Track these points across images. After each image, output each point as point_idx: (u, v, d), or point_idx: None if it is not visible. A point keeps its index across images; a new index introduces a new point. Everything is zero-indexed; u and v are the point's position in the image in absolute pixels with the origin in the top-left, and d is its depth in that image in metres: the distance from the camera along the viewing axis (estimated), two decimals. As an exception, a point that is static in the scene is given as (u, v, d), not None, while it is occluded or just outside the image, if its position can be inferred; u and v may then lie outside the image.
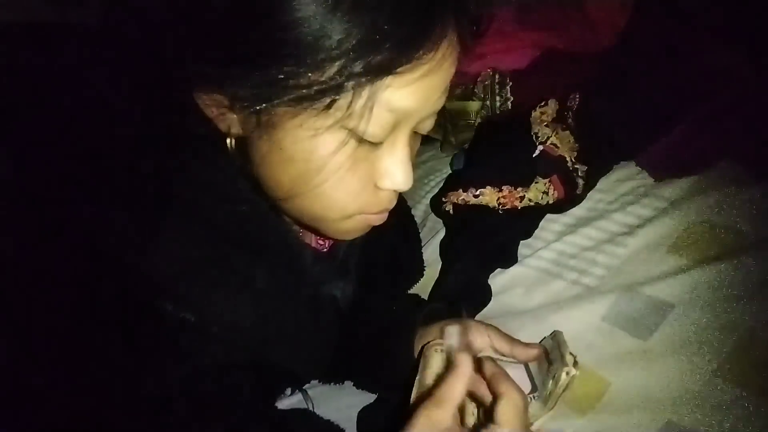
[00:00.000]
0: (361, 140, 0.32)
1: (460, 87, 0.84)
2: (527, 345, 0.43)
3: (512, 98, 0.78)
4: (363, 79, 0.29)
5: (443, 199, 0.63)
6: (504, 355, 0.43)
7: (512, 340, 0.44)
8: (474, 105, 0.80)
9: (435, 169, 0.87)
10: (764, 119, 0.50)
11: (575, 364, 0.38)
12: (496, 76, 0.80)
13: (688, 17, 0.57)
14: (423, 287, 0.62)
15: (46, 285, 0.30)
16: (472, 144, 0.72)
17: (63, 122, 0.32)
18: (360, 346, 0.53)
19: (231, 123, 0.34)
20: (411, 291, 0.62)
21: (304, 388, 0.55)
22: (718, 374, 0.37)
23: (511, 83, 0.78)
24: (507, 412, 0.31)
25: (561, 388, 0.37)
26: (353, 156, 0.33)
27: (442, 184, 0.77)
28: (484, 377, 0.35)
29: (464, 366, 0.32)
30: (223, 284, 0.33)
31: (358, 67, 0.29)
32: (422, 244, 0.68)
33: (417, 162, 0.92)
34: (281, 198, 0.35)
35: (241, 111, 0.32)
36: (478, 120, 0.79)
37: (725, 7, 0.57)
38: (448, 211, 0.64)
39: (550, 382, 0.38)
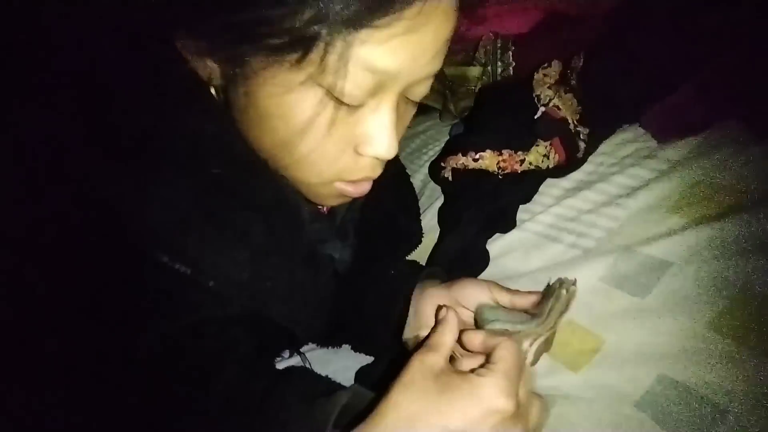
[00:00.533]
0: (340, 101, 0.31)
1: (461, 52, 0.82)
2: (527, 293, 0.43)
3: (514, 64, 0.76)
4: (335, 30, 0.27)
5: (442, 164, 0.62)
6: (505, 306, 0.43)
7: (511, 290, 0.44)
8: (474, 71, 0.78)
9: (434, 138, 0.86)
10: (765, 80, 0.49)
11: (574, 284, 0.37)
12: (498, 41, 0.78)
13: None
14: (421, 254, 0.62)
15: (42, 239, 0.29)
16: (473, 108, 0.71)
17: (47, 72, 0.31)
18: (358, 310, 0.54)
19: (212, 71, 0.33)
20: (409, 257, 0.62)
21: (302, 351, 0.55)
22: (713, 329, 0.37)
23: (513, 48, 0.76)
24: (503, 354, 0.31)
25: (562, 305, 0.36)
26: (332, 117, 0.31)
27: (440, 153, 0.77)
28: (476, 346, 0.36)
29: (450, 313, 0.33)
30: (218, 237, 0.33)
31: (330, 15, 0.27)
32: (421, 211, 0.68)
33: (416, 132, 0.92)
34: (264, 157, 0.34)
35: (218, 60, 0.31)
36: (479, 87, 0.78)
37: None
38: (447, 177, 0.64)
39: (550, 300, 0.37)
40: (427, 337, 0.35)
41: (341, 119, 0.32)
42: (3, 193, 0.30)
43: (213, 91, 0.33)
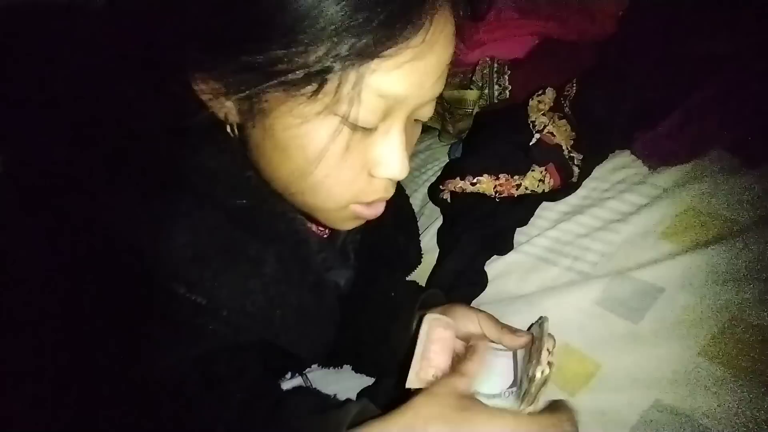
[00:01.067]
0: (355, 127, 0.32)
1: (458, 75, 0.84)
2: (515, 332, 0.43)
3: (510, 87, 0.78)
4: (348, 62, 0.29)
5: (441, 187, 0.64)
6: (492, 341, 0.44)
7: (501, 326, 0.44)
8: (472, 94, 0.80)
9: (433, 158, 0.88)
10: (754, 109, 0.51)
11: (550, 364, 0.37)
12: (495, 65, 0.80)
13: (683, 8, 0.57)
14: (420, 274, 0.63)
15: (62, 271, 0.30)
16: (469, 133, 0.72)
17: (68, 109, 0.32)
18: (359, 331, 0.54)
19: (228, 111, 0.34)
20: (409, 278, 0.63)
21: (304, 372, 0.56)
22: (705, 355, 0.38)
23: (509, 72, 0.79)
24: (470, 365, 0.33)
25: (536, 388, 0.36)
26: (347, 143, 0.33)
27: (439, 173, 0.78)
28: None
29: (482, 345, 0.35)
30: (233, 269, 0.34)
31: (343, 50, 0.29)
32: (420, 232, 0.69)
33: (415, 151, 0.93)
34: (278, 187, 0.36)
35: (234, 98, 0.33)
36: (476, 109, 0.80)
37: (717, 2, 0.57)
38: (446, 199, 0.65)
39: (526, 380, 0.38)
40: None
41: (355, 144, 0.33)
42: (24, 229, 0.31)
43: (229, 129, 0.35)
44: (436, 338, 0.40)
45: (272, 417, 0.34)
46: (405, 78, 0.31)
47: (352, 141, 0.33)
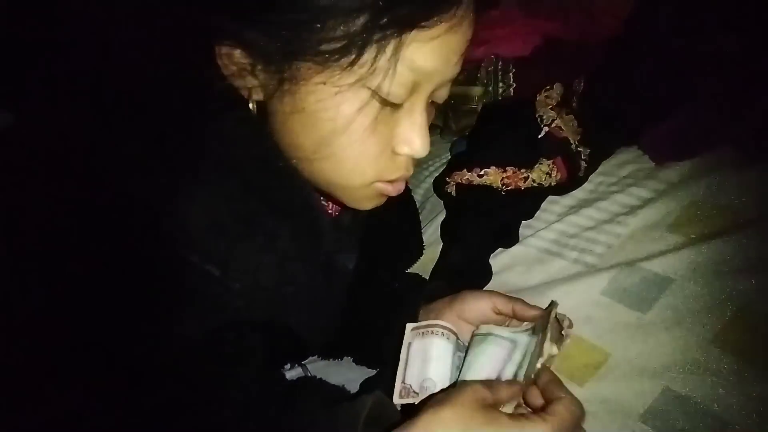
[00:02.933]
0: (383, 101, 0.33)
1: (463, 72, 0.84)
2: (529, 305, 0.43)
3: (515, 85, 0.79)
4: (389, 32, 0.30)
5: (447, 179, 0.64)
6: (506, 316, 0.43)
7: (513, 299, 0.44)
8: (477, 90, 0.81)
9: (435, 154, 0.88)
10: (760, 106, 0.52)
11: (560, 341, 0.37)
12: (500, 63, 0.81)
13: (689, 7, 0.58)
14: (424, 267, 0.63)
15: (81, 231, 0.30)
16: (475, 127, 0.73)
17: (92, 74, 0.32)
18: (361, 322, 0.54)
19: (252, 88, 0.34)
20: (412, 270, 0.63)
21: (303, 363, 0.55)
22: (715, 344, 0.38)
23: (514, 70, 0.79)
24: (559, 410, 0.31)
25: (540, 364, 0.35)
26: (374, 117, 0.33)
27: (441, 169, 0.78)
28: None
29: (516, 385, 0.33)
30: (248, 241, 0.33)
31: (384, 20, 0.29)
32: (422, 226, 0.69)
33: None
34: (302, 161, 0.36)
35: (263, 71, 0.33)
36: (480, 106, 0.80)
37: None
38: (450, 192, 0.65)
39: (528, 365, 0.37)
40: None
41: (382, 120, 0.34)
42: (47, 188, 0.30)
43: (252, 105, 0.35)
44: (434, 354, 0.40)
45: (284, 407, 0.33)
46: (436, 51, 0.32)
47: (379, 116, 0.33)
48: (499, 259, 0.58)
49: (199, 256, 0.31)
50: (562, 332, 0.38)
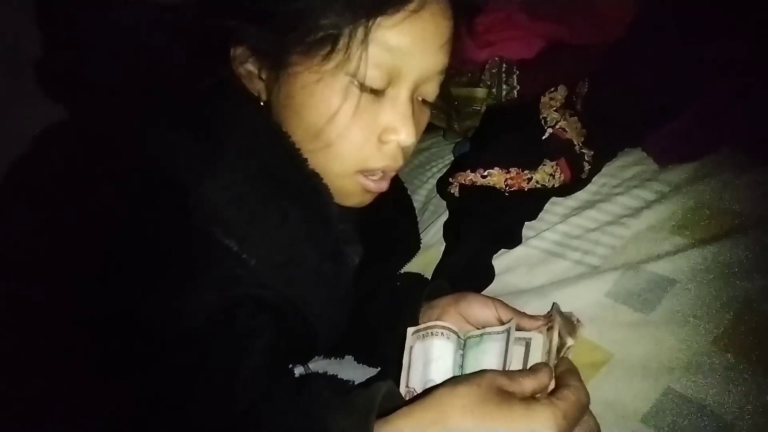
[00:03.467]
0: (363, 87, 0.36)
1: (467, 74, 0.85)
2: (532, 316, 0.44)
3: (518, 87, 0.79)
4: (358, 20, 0.34)
5: (450, 179, 0.64)
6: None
7: (516, 311, 0.45)
8: (481, 92, 0.81)
9: (437, 156, 0.88)
10: (762, 109, 0.52)
11: (571, 334, 0.38)
12: (503, 65, 0.81)
13: (694, 10, 0.58)
14: (426, 269, 0.63)
15: (122, 202, 0.33)
16: (479, 128, 0.73)
17: (134, 72, 0.36)
18: (363, 321, 0.54)
19: (260, 90, 0.39)
20: (414, 271, 0.63)
21: (308, 361, 0.55)
22: (718, 344, 0.38)
23: (517, 72, 0.80)
24: (568, 395, 0.31)
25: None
26: (356, 104, 0.36)
27: (444, 170, 0.78)
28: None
29: (545, 372, 0.34)
30: (263, 219, 0.36)
31: (353, 10, 0.34)
32: (424, 228, 0.69)
33: (419, 148, 0.94)
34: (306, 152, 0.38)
35: (265, 70, 0.38)
36: (484, 107, 0.80)
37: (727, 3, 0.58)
38: (453, 193, 0.65)
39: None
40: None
41: (365, 107, 0.37)
42: (85, 161, 0.34)
43: (262, 104, 0.39)
44: (435, 355, 0.40)
45: (296, 392, 0.33)
46: (408, 31, 0.36)
47: (362, 102, 0.36)
48: (501, 260, 0.59)
49: (221, 230, 0.34)
50: (574, 322, 0.38)
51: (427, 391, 0.32)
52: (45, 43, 0.38)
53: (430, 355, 0.40)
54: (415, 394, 0.39)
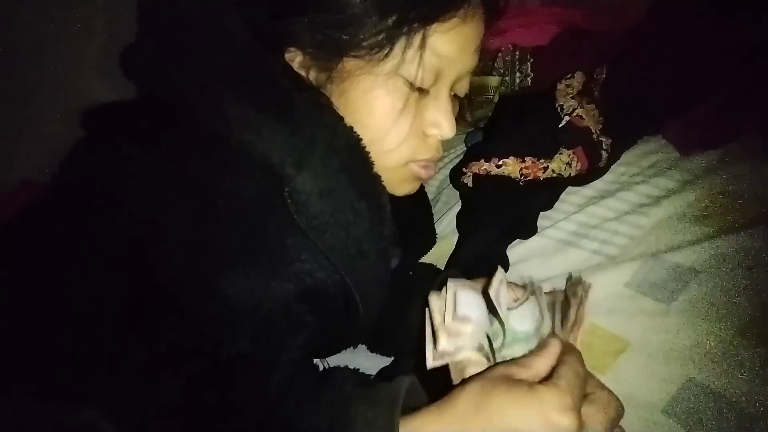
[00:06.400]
0: (412, 87, 0.39)
1: (480, 62, 0.84)
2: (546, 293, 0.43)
3: (532, 74, 0.78)
4: (415, 26, 0.37)
5: (464, 169, 0.63)
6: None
7: (524, 287, 0.44)
8: (493, 80, 0.79)
9: (449, 146, 0.87)
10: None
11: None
12: (517, 52, 0.79)
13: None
14: (439, 260, 0.62)
15: (210, 187, 0.34)
16: (492, 117, 0.72)
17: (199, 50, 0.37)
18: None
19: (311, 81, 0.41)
20: (427, 261, 0.63)
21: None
22: (742, 336, 0.38)
23: (531, 59, 0.78)
24: (566, 372, 0.31)
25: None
26: (406, 103, 0.39)
27: (455, 160, 0.77)
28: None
29: (555, 344, 0.34)
30: (344, 213, 0.37)
31: (411, 16, 0.37)
32: (436, 219, 0.68)
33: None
34: None
35: (317, 68, 0.40)
36: (497, 96, 0.79)
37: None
38: (467, 183, 0.64)
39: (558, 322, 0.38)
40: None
41: (412, 105, 0.40)
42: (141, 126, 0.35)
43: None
44: (462, 301, 0.39)
45: (319, 387, 0.34)
46: (454, 40, 0.39)
47: (410, 101, 0.39)
48: (516, 250, 0.58)
49: (306, 221, 0.35)
50: (578, 293, 0.38)
51: (446, 389, 0.32)
52: (138, 32, 0.39)
53: (459, 299, 0.40)
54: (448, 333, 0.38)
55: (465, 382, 0.32)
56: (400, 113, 0.39)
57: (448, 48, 0.39)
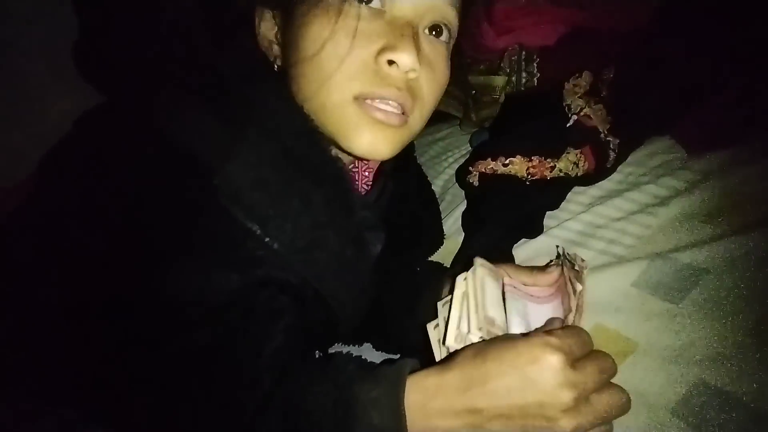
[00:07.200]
0: (360, 9, 0.35)
1: (486, 62, 0.83)
2: (545, 272, 0.45)
3: (538, 74, 0.77)
4: None
5: (470, 168, 0.63)
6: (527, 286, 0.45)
7: (529, 270, 0.46)
8: (499, 80, 0.79)
9: (454, 145, 0.87)
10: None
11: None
12: (523, 52, 0.79)
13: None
14: (445, 259, 0.62)
15: (148, 181, 0.34)
16: (499, 116, 0.72)
17: (165, 58, 0.37)
18: (383, 306, 0.54)
19: (277, 55, 0.40)
20: (433, 259, 0.63)
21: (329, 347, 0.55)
22: (753, 336, 0.37)
23: (538, 59, 0.78)
24: (560, 332, 0.33)
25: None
26: (355, 32, 0.35)
27: (460, 160, 0.77)
28: None
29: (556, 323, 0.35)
30: (286, 202, 0.35)
31: None
32: (443, 217, 0.68)
33: (435, 139, 0.93)
34: (314, 113, 0.38)
35: (279, 29, 0.39)
36: (502, 96, 0.79)
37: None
38: (473, 182, 0.64)
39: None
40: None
41: (363, 32, 0.36)
42: (113, 142, 0.35)
43: (276, 68, 0.40)
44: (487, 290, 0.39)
45: (319, 370, 0.33)
46: None
47: (360, 27, 0.36)
48: (522, 250, 0.58)
49: (243, 212, 0.34)
50: (576, 268, 0.39)
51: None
52: (80, 28, 0.39)
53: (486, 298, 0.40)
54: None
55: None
56: (345, 42, 0.35)
57: None
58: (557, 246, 0.42)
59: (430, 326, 0.42)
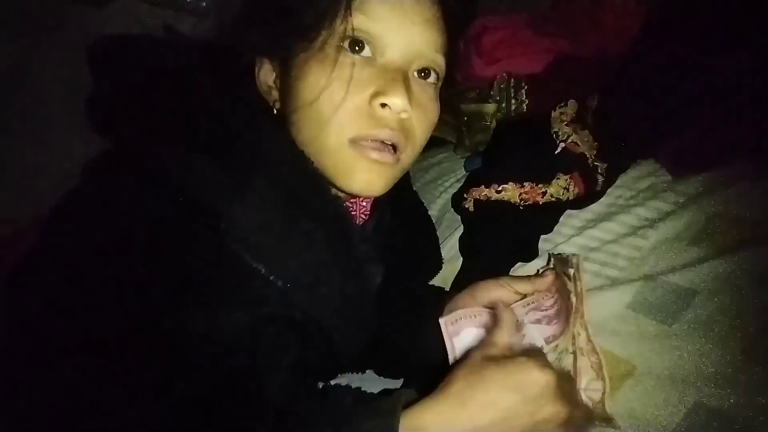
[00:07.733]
0: (353, 58, 0.38)
1: (476, 90, 0.87)
2: (542, 277, 0.48)
3: (527, 101, 0.80)
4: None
5: (464, 195, 0.65)
6: (527, 294, 0.47)
7: (526, 278, 0.48)
8: (490, 107, 0.82)
9: (449, 170, 0.89)
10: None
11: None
12: (512, 80, 0.82)
13: (705, 20, 0.59)
14: (444, 283, 0.63)
15: (157, 227, 0.35)
16: (490, 143, 0.74)
17: (170, 106, 0.38)
18: (383, 334, 0.54)
19: (276, 99, 0.43)
20: (433, 283, 0.64)
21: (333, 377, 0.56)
22: (746, 356, 0.38)
23: (526, 87, 0.81)
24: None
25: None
26: (350, 79, 0.38)
27: (456, 184, 0.79)
28: None
29: (507, 314, 0.37)
30: (289, 242, 0.37)
31: None
32: (440, 242, 0.69)
33: (431, 164, 0.95)
34: (315, 155, 0.40)
35: (278, 75, 0.42)
36: (494, 122, 0.82)
37: (736, 12, 0.59)
38: (468, 208, 0.66)
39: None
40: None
41: (357, 78, 0.38)
42: (119, 184, 0.36)
43: (275, 112, 0.43)
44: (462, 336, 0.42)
45: (318, 404, 0.34)
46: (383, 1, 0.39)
47: (354, 73, 0.38)
48: (518, 273, 0.59)
49: (250, 253, 0.35)
50: (569, 268, 0.41)
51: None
52: (94, 81, 0.41)
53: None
54: None
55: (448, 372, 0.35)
56: (340, 89, 0.37)
57: (377, 8, 0.38)
58: (548, 252, 0.44)
59: (442, 321, 0.45)
